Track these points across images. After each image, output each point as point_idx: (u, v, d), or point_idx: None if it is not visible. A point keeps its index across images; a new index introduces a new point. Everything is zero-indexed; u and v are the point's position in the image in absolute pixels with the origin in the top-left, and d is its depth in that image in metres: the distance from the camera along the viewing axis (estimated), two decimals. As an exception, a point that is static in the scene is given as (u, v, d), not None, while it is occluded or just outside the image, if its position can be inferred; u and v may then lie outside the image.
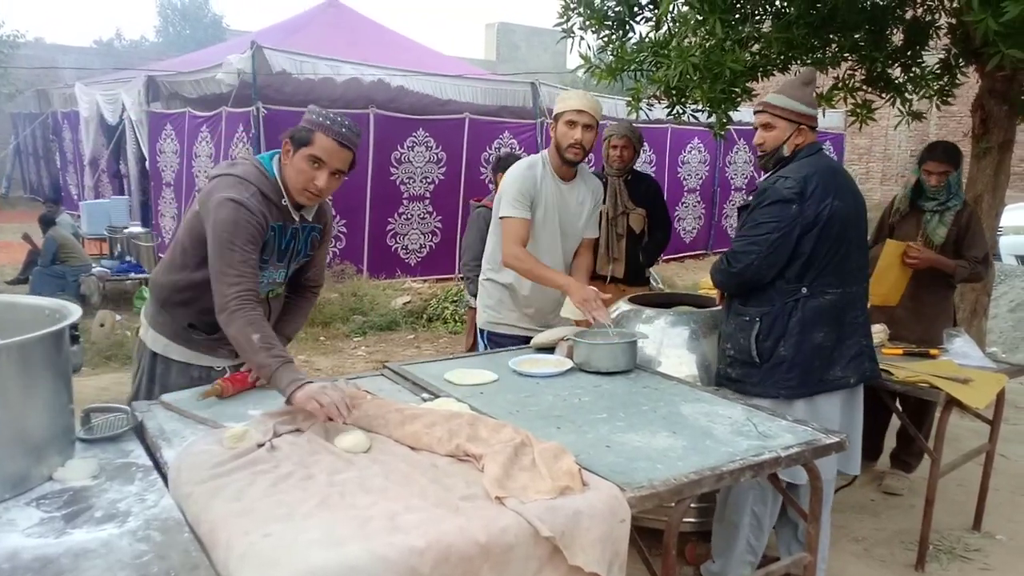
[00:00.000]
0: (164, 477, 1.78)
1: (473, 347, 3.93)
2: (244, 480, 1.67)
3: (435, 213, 9.34)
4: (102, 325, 6.67)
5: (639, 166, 4.53)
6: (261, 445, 1.85)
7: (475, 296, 3.73)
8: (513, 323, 3.19)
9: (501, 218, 3.17)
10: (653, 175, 10.58)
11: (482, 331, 3.38)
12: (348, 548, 1.42)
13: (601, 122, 3.15)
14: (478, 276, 3.52)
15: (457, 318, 7.41)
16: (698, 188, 12.20)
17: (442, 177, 9.26)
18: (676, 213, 11.73)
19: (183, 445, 1.92)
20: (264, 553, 1.40)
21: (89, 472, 1.77)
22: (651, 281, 4.64)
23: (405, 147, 9.01)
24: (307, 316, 2.77)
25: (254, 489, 1.63)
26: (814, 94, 2.89)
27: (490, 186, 6.47)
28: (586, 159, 3.19)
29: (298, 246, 2.51)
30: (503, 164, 4.25)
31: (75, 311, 1.86)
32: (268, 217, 2.32)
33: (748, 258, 2.70)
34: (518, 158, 3.45)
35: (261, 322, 2.23)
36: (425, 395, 2.45)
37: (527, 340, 3.09)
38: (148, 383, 2.50)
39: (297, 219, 2.44)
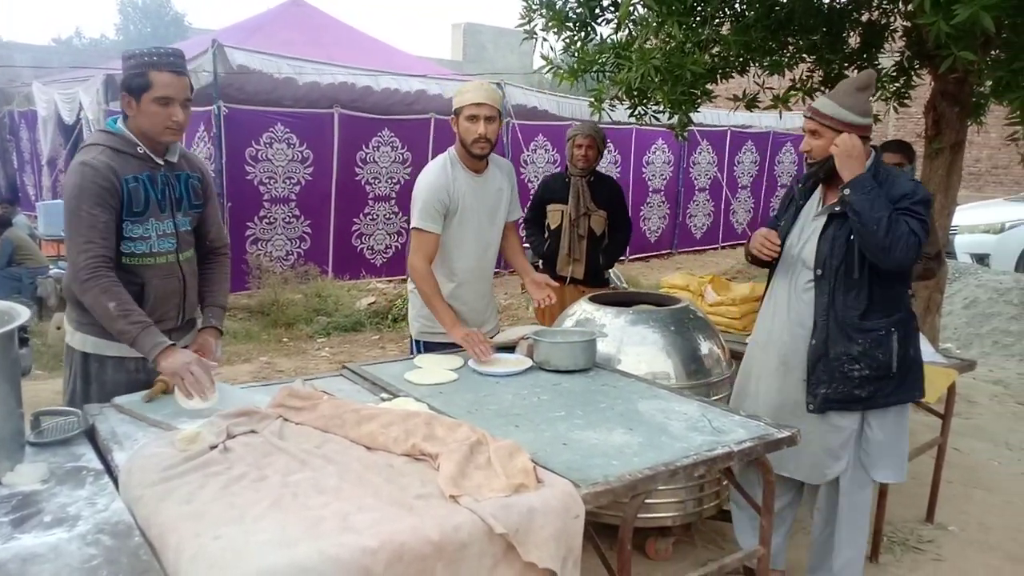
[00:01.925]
0: (115, 481, 1.76)
1: None
2: (195, 482, 1.66)
3: (401, 213, 9.28)
4: (59, 328, 6.54)
5: (604, 167, 4.56)
6: (214, 447, 1.84)
7: None
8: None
9: (412, 228, 3.10)
10: (618, 176, 10.70)
11: (417, 342, 3.29)
12: (299, 549, 1.42)
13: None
14: None
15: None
16: (663, 188, 12.30)
17: (408, 177, 9.19)
18: (641, 213, 11.82)
19: (135, 448, 1.90)
20: (214, 555, 1.39)
21: (39, 476, 1.75)
22: (611, 281, 4.66)
23: (370, 147, 8.96)
24: (228, 280, 2.74)
25: (205, 491, 1.62)
26: (868, 100, 2.71)
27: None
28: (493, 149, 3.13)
29: (176, 194, 2.46)
30: None
31: (24, 313, 1.84)
32: (118, 171, 2.29)
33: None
34: None
35: (115, 289, 2.23)
36: (384, 395, 2.45)
37: (461, 347, 2.99)
38: (84, 385, 2.44)
39: (162, 163, 2.41)
